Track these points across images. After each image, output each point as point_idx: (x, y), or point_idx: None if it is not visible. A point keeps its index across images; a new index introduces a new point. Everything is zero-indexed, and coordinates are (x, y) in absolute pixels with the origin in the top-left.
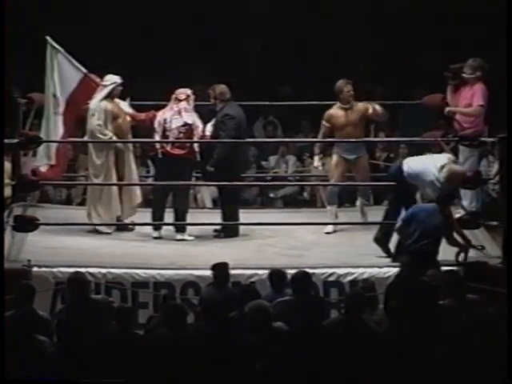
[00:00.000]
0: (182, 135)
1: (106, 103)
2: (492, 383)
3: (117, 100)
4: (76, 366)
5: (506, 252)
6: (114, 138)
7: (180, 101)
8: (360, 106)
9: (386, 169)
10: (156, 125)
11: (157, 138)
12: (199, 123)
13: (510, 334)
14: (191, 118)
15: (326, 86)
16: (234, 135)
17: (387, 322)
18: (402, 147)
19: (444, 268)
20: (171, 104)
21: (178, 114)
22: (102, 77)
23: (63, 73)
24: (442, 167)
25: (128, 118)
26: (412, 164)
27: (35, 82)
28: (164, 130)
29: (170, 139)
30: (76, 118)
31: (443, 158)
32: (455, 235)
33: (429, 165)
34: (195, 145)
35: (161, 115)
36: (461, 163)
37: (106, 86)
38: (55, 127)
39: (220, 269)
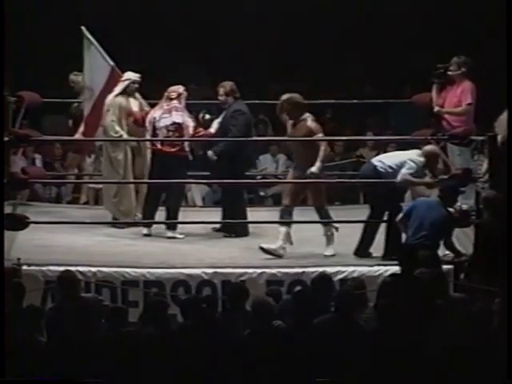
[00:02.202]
0: (171, 134)
1: (120, 99)
2: (492, 383)
3: (137, 96)
4: (65, 365)
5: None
6: (125, 136)
7: (171, 99)
8: (309, 125)
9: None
10: (147, 123)
11: (147, 136)
12: (190, 122)
13: (510, 334)
14: (181, 117)
15: (317, 85)
16: (244, 131)
17: (380, 320)
18: (391, 146)
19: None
20: (162, 102)
21: (167, 112)
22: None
23: (94, 65)
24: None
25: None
26: (384, 160)
27: (25, 80)
28: (154, 129)
29: (159, 138)
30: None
31: (417, 151)
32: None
33: (403, 156)
34: (186, 144)
35: (151, 114)
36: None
37: (123, 81)
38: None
39: None
